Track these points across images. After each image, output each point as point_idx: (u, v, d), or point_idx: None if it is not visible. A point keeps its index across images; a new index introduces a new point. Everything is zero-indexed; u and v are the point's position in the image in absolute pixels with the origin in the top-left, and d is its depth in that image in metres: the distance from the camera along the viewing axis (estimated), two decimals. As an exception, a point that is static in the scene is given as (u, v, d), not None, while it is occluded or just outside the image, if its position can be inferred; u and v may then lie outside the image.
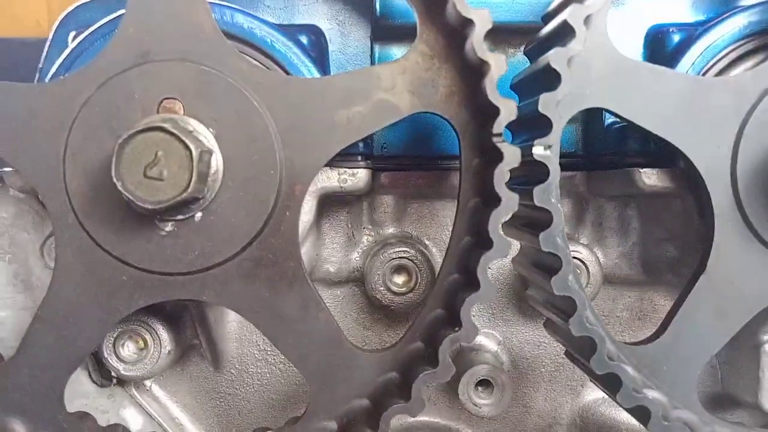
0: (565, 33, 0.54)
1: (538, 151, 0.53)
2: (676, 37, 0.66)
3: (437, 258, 0.75)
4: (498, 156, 0.52)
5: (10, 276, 0.72)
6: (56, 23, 0.69)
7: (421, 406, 0.56)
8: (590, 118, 0.72)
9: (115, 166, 0.50)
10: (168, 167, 0.51)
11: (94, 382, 0.72)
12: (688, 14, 0.70)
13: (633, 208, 0.75)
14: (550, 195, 0.54)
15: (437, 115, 0.56)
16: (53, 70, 0.65)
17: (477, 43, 0.51)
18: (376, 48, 0.70)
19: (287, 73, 0.63)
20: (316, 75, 0.63)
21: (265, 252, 0.57)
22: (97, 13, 0.65)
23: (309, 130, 0.56)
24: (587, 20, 0.54)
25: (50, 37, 0.68)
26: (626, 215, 0.76)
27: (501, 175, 0.52)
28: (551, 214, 0.55)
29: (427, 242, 0.76)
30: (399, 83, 0.56)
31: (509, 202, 0.52)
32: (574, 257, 0.73)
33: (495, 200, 0.53)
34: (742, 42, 0.64)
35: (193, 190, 0.51)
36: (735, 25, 0.64)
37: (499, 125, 0.52)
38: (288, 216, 0.57)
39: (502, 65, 0.51)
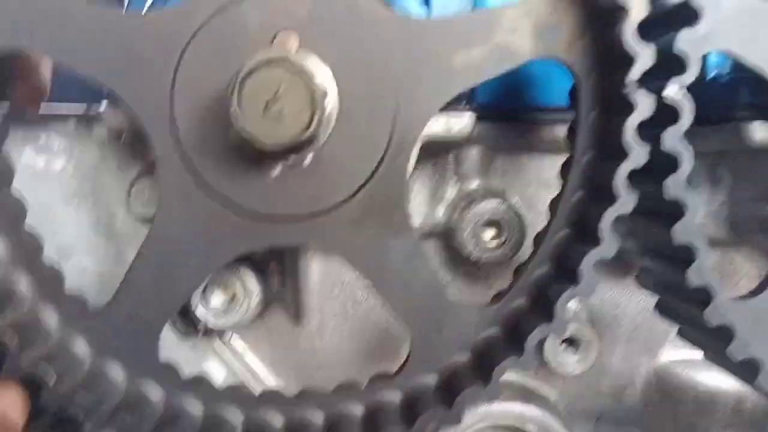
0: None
1: (671, 91, 0.51)
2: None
3: (523, 212, 0.73)
4: (627, 107, 0.50)
5: (93, 222, 0.70)
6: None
7: (534, 361, 0.55)
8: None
9: (235, 102, 0.48)
10: (289, 104, 0.49)
11: (178, 330, 0.71)
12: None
13: (725, 167, 0.73)
14: (680, 138, 0.52)
15: (558, 60, 0.54)
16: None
17: None
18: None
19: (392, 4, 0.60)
20: (420, 7, 0.60)
21: (374, 199, 0.55)
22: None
23: (425, 72, 0.54)
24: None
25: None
26: (716, 174, 0.74)
27: (632, 127, 0.50)
28: (680, 157, 0.53)
29: (513, 197, 0.74)
30: (521, 26, 0.53)
31: (637, 156, 0.51)
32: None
33: (618, 153, 0.52)
34: None
35: (314, 131, 0.49)
36: None
37: (636, 72, 0.49)
38: (398, 162, 0.55)
39: (642, 8, 0.49)
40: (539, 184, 0.74)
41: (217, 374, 0.74)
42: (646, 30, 0.53)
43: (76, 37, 0.52)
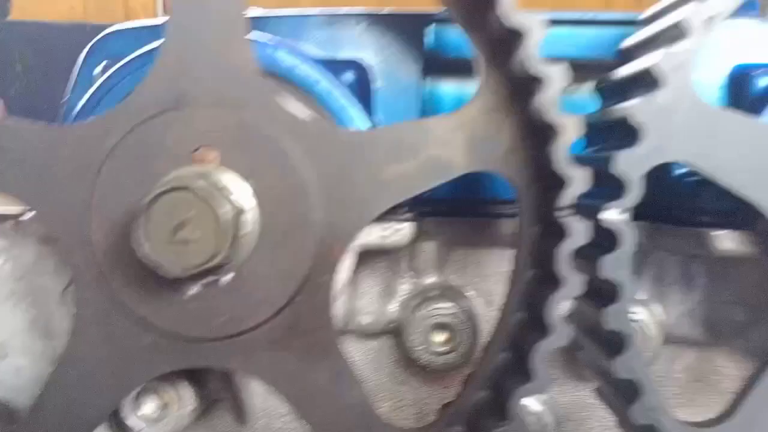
0: (648, 81, 0.48)
1: (611, 215, 0.47)
2: (762, 81, 0.59)
3: (481, 312, 0.69)
4: (561, 232, 0.46)
5: (29, 322, 0.68)
6: (84, 52, 0.64)
7: None
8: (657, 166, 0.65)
9: (142, 228, 0.46)
10: (197, 230, 0.46)
11: (113, 435, 0.68)
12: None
13: (699, 266, 0.68)
14: (621, 267, 0.48)
15: (496, 173, 0.51)
16: (80, 105, 0.60)
17: (550, 103, 0.45)
18: (427, 83, 0.64)
19: (329, 113, 0.57)
20: (360, 116, 0.58)
21: (297, 319, 0.52)
22: (128, 43, 0.60)
23: (353, 187, 0.51)
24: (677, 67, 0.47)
25: (77, 67, 0.64)
26: (691, 272, 0.69)
27: (564, 255, 0.46)
28: (620, 286, 0.49)
29: (471, 293, 0.70)
30: (455, 138, 0.50)
31: (572, 287, 0.46)
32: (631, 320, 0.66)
33: (554, 280, 0.47)
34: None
35: (224, 256, 0.46)
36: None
37: (568, 198, 0.46)
38: (324, 280, 0.52)
39: (576, 129, 0.45)
40: (499, 278, 0.70)
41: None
42: (589, 139, 0.50)
43: None
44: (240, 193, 0.49)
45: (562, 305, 0.47)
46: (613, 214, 0.47)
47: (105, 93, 0.58)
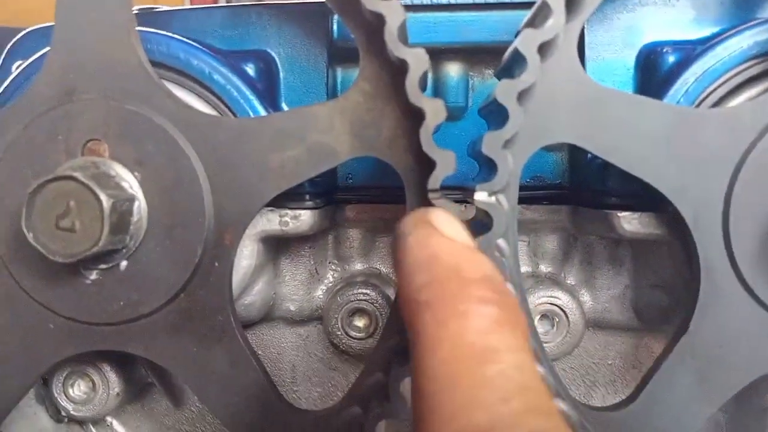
0: (520, 61, 0.47)
1: (480, 197, 0.47)
2: (670, 58, 0.58)
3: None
4: None
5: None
6: (5, 51, 0.66)
7: None
8: (574, 147, 0.64)
9: (25, 217, 0.48)
10: (80, 218, 0.48)
11: (51, 417, 0.71)
12: (690, 29, 0.61)
13: (626, 248, 0.67)
14: (492, 249, 0.48)
15: (380, 159, 0.51)
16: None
17: (410, 87, 0.45)
18: (335, 72, 0.65)
19: (227, 106, 0.58)
20: (259, 108, 0.58)
21: (193, 304, 0.53)
22: (41, 42, 0.62)
23: (240, 175, 0.51)
24: (546, 47, 0.47)
25: (-3, 66, 0.66)
26: (618, 255, 0.68)
27: None
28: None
29: (395, 280, 0.70)
30: (337, 124, 0.50)
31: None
32: (553, 304, 0.66)
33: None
34: (747, 65, 0.55)
35: (106, 242, 0.48)
36: (739, 44, 0.55)
37: (434, 181, 0.46)
38: (217, 267, 0.53)
39: (438, 113, 0.45)
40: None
41: (93, 461, 0.73)
42: (484, 115, 0.49)
43: None
44: (127, 182, 0.51)
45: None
46: (482, 196, 0.46)
47: (15, 89, 0.60)
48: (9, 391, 0.56)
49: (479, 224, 0.48)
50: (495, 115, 0.50)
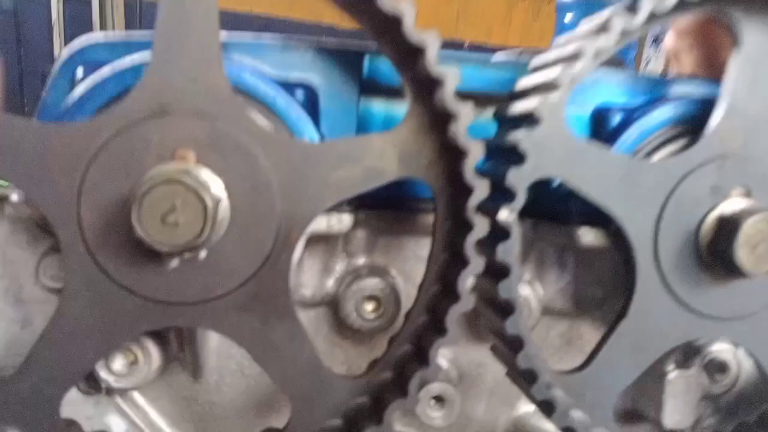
0: (531, 118, 0.65)
1: (503, 215, 0.64)
2: (616, 118, 0.78)
3: (402, 287, 0.84)
4: (469, 226, 0.62)
5: (2, 291, 0.76)
6: (63, 57, 0.72)
7: (390, 430, 0.66)
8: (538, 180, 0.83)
9: (136, 212, 0.57)
10: (184, 215, 0.58)
11: (80, 390, 0.77)
12: (629, 97, 0.81)
13: (570, 254, 0.87)
14: (511, 252, 0.65)
15: (419, 179, 0.66)
16: (64, 105, 0.69)
17: (460, 133, 0.60)
18: (363, 103, 0.78)
19: (287, 125, 0.70)
20: (311, 128, 0.71)
21: (261, 288, 0.65)
22: (105, 55, 0.70)
23: (306, 187, 0.64)
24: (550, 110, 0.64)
25: (56, 69, 0.72)
26: (564, 258, 0.88)
27: (471, 243, 0.62)
28: (510, 267, 0.65)
29: (394, 272, 0.85)
30: (388, 152, 0.64)
31: (476, 265, 0.63)
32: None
33: (463, 260, 0.63)
34: (668, 128, 0.77)
35: (206, 237, 0.58)
36: (662, 114, 0.76)
37: (474, 201, 0.61)
38: (283, 258, 0.65)
39: (479, 152, 0.61)
40: (417, 260, 0.85)
41: (118, 429, 0.80)
42: (489, 157, 0.66)
43: None
44: (215, 185, 0.61)
45: (468, 280, 0.63)
46: (504, 214, 0.63)
47: (88, 99, 0.67)
48: (83, 362, 0.64)
49: (496, 237, 0.65)
50: (505, 153, 0.67)
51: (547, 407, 0.70)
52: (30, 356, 0.63)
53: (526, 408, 0.94)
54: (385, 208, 0.83)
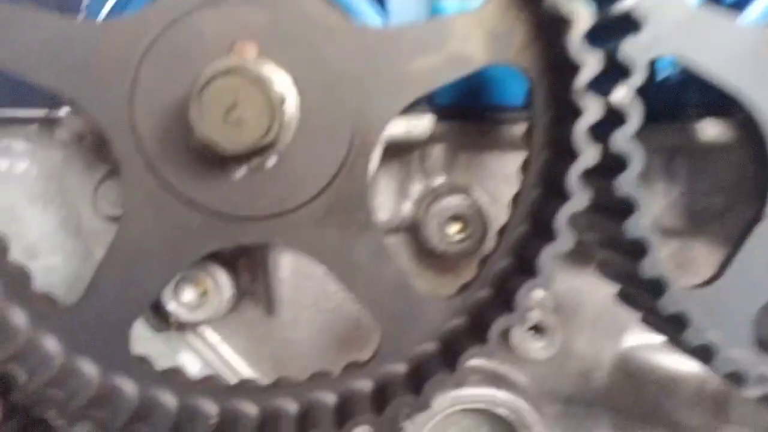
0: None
1: (618, 96, 0.53)
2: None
3: (487, 207, 0.75)
4: (578, 111, 0.53)
5: (60, 222, 0.71)
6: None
7: (497, 350, 0.58)
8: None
9: (194, 110, 0.50)
10: (248, 111, 0.51)
11: (151, 325, 0.73)
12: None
13: (679, 161, 0.76)
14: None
15: (511, 66, 0.56)
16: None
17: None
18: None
19: (346, 11, 0.61)
20: (374, 14, 0.62)
21: (336, 200, 0.57)
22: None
23: (383, 80, 0.56)
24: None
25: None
26: (672, 167, 0.77)
27: (581, 130, 0.53)
28: (628, 160, 0.55)
29: (476, 191, 0.76)
30: (474, 34, 0.55)
31: (588, 156, 0.53)
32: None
33: (571, 153, 0.54)
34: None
35: (273, 136, 0.51)
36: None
37: (584, 79, 0.52)
38: (359, 164, 0.57)
39: (587, 18, 0.51)
40: (502, 179, 0.76)
41: (192, 366, 0.76)
42: (593, 37, 0.56)
43: (30, 46, 0.53)
44: (280, 79, 0.54)
45: (575, 177, 0.54)
46: (621, 94, 0.53)
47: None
48: (148, 287, 0.59)
49: (607, 124, 0.55)
50: (614, 30, 0.56)
51: (674, 322, 0.60)
52: (93, 282, 0.58)
53: (634, 339, 0.84)
54: (465, 119, 0.74)
